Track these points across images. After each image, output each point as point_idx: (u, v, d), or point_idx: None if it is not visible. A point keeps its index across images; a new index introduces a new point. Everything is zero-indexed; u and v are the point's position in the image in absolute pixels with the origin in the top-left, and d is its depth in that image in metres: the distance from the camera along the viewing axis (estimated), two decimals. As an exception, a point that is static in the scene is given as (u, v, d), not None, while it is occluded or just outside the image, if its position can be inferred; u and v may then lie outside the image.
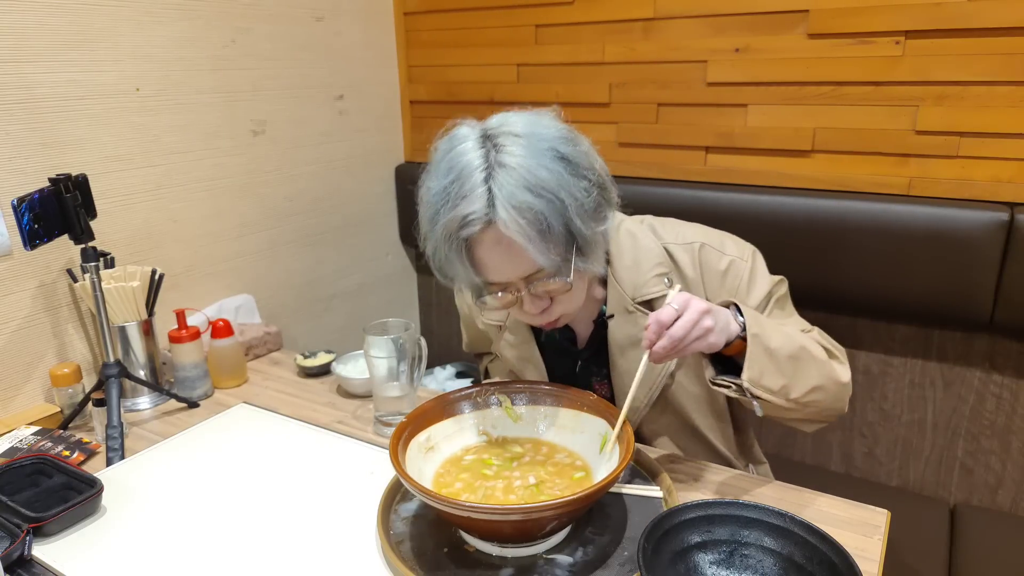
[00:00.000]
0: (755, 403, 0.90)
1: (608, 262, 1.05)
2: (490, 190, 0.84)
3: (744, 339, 0.89)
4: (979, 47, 1.36)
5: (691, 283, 1.04)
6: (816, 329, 1.07)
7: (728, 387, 0.92)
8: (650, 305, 1.03)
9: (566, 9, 1.79)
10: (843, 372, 0.99)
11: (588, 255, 0.92)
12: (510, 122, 0.90)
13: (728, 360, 0.96)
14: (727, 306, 0.94)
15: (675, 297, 0.86)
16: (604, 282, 1.07)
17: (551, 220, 0.85)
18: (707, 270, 1.05)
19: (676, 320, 0.84)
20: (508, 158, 0.85)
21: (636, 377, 0.89)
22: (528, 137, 0.87)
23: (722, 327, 0.88)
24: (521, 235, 0.84)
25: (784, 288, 1.09)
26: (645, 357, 0.88)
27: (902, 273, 1.45)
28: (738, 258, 1.05)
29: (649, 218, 1.12)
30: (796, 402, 0.93)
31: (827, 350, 1.00)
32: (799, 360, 0.93)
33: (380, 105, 2.07)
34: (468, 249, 0.89)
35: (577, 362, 1.15)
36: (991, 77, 1.37)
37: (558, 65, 1.84)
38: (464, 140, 0.89)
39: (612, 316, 1.06)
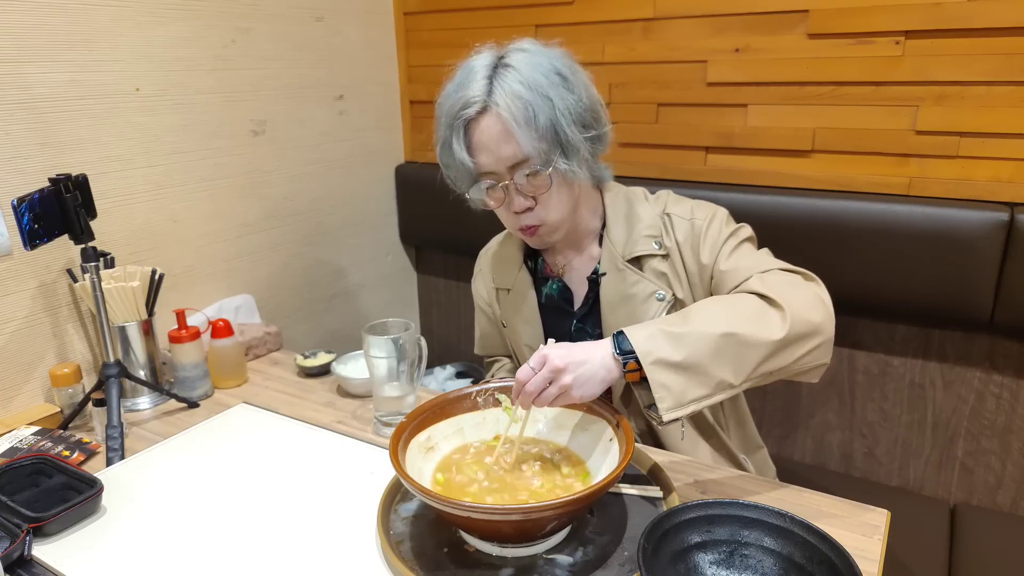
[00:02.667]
0: (682, 425, 0.96)
1: (604, 224, 1.15)
2: (491, 80, 0.98)
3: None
4: (979, 47, 1.36)
5: (671, 250, 1.11)
6: (775, 270, 1.00)
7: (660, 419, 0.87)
8: (639, 263, 1.11)
9: (566, 9, 1.79)
10: (802, 320, 0.90)
11: (571, 159, 1.00)
12: (522, 44, 1.03)
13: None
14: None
15: (534, 355, 0.89)
16: (600, 243, 1.15)
17: (539, 113, 0.96)
18: (677, 235, 1.12)
19: (532, 378, 0.88)
20: (511, 63, 0.99)
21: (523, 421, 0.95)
22: (534, 54, 1.00)
23: (587, 378, 0.87)
24: (511, 119, 0.96)
25: (746, 232, 1.11)
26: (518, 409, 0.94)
27: (902, 273, 1.45)
28: (698, 218, 1.11)
29: (644, 190, 1.20)
30: (750, 380, 0.88)
31: (772, 302, 0.92)
32: (722, 351, 0.87)
33: (380, 105, 2.07)
34: (466, 132, 1.01)
35: (572, 322, 1.20)
36: (991, 77, 1.37)
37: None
38: (478, 54, 1.03)
39: (605, 274, 1.13)
